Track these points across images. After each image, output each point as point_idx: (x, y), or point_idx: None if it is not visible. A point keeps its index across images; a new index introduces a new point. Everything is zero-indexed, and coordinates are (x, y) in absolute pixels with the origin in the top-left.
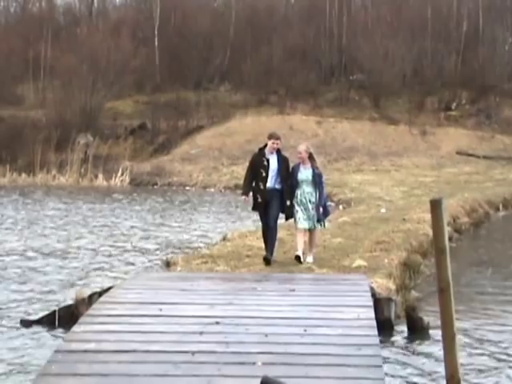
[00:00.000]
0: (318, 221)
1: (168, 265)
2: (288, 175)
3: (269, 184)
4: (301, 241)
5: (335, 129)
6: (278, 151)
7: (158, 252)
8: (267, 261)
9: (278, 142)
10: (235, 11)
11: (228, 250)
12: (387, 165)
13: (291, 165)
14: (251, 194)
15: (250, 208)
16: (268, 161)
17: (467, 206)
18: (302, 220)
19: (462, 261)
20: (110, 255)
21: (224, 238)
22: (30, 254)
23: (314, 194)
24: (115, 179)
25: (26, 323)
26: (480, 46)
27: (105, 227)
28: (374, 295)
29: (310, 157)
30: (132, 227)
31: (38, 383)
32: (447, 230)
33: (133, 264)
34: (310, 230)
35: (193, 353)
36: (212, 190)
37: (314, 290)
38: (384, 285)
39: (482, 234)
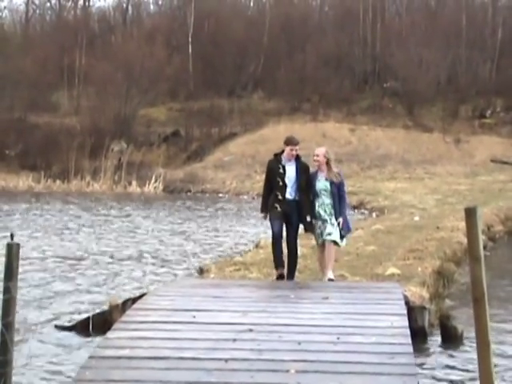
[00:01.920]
0: (341, 237)
1: (201, 272)
2: (308, 186)
3: (288, 195)
4: (323, 260)
5: (368, 136)
6: (298, 158)
7: (191, 259)
8: (281, 277)
9: (297, 148)
10: (269, 19)
11: (261, 258)
12: (421, 173)
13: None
14: (270, 204)
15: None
16: (284, 168)
17: (502, 215)
18: (322, 234)
19: (497, 269)
20: (146, 262)
21: (257, 246)
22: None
23: (334, 206)
24: (149, 186)
25: (61, 329)
26: None
27: (137, 233)
28: (407, 303)
29: (328, 163)
30: (166, 233)
31: None
32: (482, 238)
33: (167, 271)
34: (330, 244)
35: (226, 360)
36: (245, 197)
37: (347, 298)
38: (417, 293)
39: None
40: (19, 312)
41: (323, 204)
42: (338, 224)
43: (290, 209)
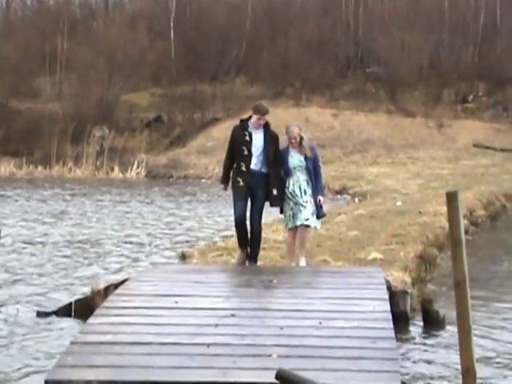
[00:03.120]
0: (318, 217)
1: (184, 257)
2: (276, 158)
3: (253, 165)
4: (293, 248)
5: (351, 121)
6: (267, 126)
7: (173, 245)
8: (245, 261)
9: (265, 118)
10: (251, 3)
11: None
12: (403, 157)
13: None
14: (232, 178)
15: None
16: (251, 136)
17: (484, 199)
18: (296, 217)
19: (479, 254)
20: (126, 247)
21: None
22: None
23: (309, 183)
24: (131, 172)
25: (43, 314)
26: (497, 38)
27: (119, 218)
28: (389, 288)
29: (300, 140)
30: (147, 219)
31: (54, 374)
32: (463, 222)
33: (148, 257)
34: (300, 227)
35: (208, 345)
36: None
37: (329, 283)
38: (400, 278)
39: (499, 226)
40: None
41: (298, 181)
42: (318, 202)
43: (255, 182)
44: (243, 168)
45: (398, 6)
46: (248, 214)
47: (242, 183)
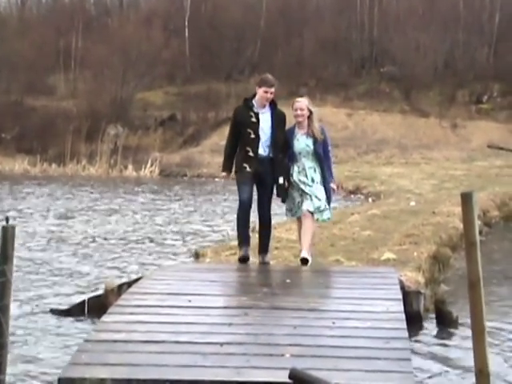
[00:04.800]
0: (327, 208)
1: (197, 256)
2: (284, 140)
3: (261, 150)
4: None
5: (365, 121)
6: (273, 104)
7: (186, 243)
8: (245, 259)
9: (273, 90)
10: (266, 2)
11: (256, 242)
12: (417, 158)
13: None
14: (237, 164)
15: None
16: (258, 116)
17: (498, 200)
18: (301, 206)
19: (493, 254)
20: (140, 245)
21: (252, 230)
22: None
23: (317, 170)
24: (145, 170)
25: (56, 312)
26: None
27: (134, 215)
28: (403, 288)
29: (309, 117)
30: (162, 218)
31: (68, 372)
32: (477, 223)
33: (163, 255)
34: (309, 217)
35: (221, 344)
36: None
37: (342, 283)
38: (413, 278)
39: None
40: (15, 295)
41: (304, 169)
42: (333, 192)
43: (264, 168)
44: (250, 153)
45: (413, 5)
46: (255, 205)
47: (248, 169)
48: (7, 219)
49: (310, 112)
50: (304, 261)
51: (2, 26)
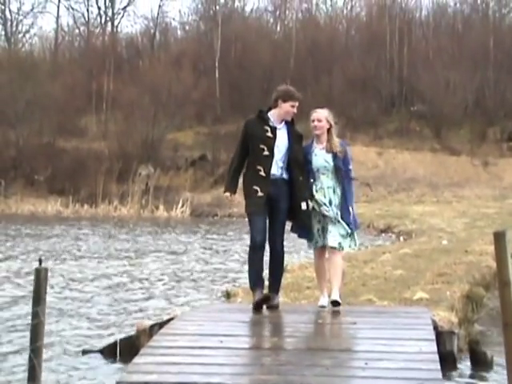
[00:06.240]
0: (350, 234)
1: (228, 296)
2: (303, 160)
3: (274, 170)
4: (323, 271)
5: (396, 160)
6: (290, 122)
7: (217, 283)
8: (260, 304)
9: (297, 105)
10: (295, 42)
11: (288, 282)
12: (449, 196)
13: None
14: (247, 186)
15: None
16: (275, 132)
17: None
18: (327, 232)
19: None
20: (171, 286)
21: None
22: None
23: (336, 191)
24: (176, 210)
25: (88, 353)
26: None
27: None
28: (436, 328)
29: (329, 131)
30: (192, 258)
31: None
32: (511, 262)
33: (194, 295)
34: (332, 251)
35: None
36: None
37: (375, 323)
38: (446, 317)
39: None
40: (47, 336)
41: (322, 188)
42: (353, 215)
43: (277, 191)
44: (262, 173)
45: (443, 44)
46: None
47: (260, 193)
48: (40, 261)
49: (330, 125)
50: (335, 303)
51: (35, 69)
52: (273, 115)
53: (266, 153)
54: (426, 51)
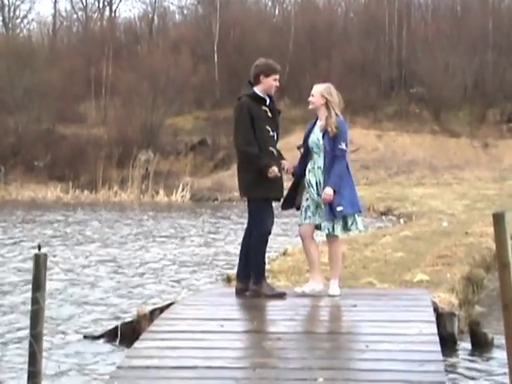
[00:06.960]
0: (343, 217)
1: (229, 280)
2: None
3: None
4: (312, 252)
5: (395, 142)
6: (271, 97)
7: (218, 268)
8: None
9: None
10: (294, 26)
11: (289, 265)
12: (448, 178)
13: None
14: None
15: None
16: (273, 111)
17: None
18: (309, 214)
19: None
20: (171, 270)
21: (284, 253)
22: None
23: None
24: (176, 195)
25: (89, 338)
26: None
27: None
28: (436, 310)
29: (327, 106)
30: (193, 242)
31: None
32: (510, 244)
33: (194, 279)
34: (328, 238)
35: (254, 368)
36: (274, 204)
37: (375, 306)
38: (446, 299)
39: None
40: (47, 322)
41: (313, 168)
42: (324, 198)
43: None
44: (275, 155)
45: (442, 27)
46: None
47: (280, 173)
48: (39, 247)
49: (327, 100)
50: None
51: (34, 56)
52: (262, 91)
53: (272, 133)
54: (425, 34)
